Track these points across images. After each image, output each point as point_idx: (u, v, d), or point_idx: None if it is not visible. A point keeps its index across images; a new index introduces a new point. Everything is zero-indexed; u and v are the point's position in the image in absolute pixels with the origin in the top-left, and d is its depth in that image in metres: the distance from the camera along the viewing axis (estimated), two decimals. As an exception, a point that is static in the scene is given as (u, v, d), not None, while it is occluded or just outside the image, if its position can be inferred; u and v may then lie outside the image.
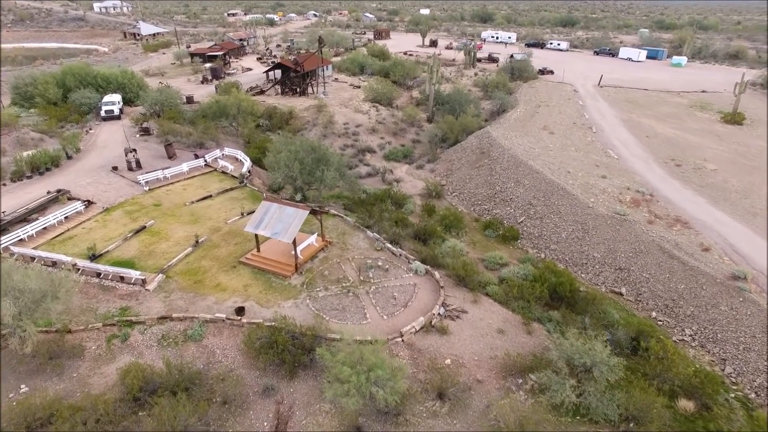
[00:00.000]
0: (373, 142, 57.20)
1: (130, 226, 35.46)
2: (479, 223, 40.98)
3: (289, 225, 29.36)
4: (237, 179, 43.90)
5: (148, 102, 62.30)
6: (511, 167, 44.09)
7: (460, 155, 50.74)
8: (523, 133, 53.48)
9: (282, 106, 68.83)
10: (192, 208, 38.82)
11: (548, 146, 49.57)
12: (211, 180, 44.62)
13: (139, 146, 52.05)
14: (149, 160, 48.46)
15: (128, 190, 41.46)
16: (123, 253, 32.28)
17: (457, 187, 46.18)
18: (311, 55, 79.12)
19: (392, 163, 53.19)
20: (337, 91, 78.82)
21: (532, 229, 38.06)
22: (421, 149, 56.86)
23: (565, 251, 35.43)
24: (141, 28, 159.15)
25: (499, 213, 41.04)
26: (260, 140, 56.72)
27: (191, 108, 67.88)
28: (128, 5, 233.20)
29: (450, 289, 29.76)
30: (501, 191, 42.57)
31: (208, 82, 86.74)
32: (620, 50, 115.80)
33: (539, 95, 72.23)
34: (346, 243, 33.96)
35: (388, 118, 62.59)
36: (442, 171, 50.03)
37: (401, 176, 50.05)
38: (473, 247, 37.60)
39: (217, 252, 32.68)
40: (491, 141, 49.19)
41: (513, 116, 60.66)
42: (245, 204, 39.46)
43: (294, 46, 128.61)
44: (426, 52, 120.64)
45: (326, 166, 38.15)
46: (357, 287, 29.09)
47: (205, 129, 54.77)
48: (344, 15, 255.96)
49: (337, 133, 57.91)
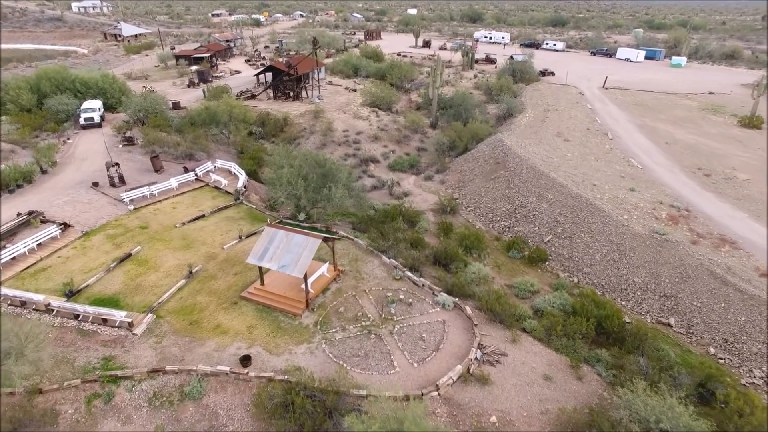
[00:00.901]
0: (376, 150, 53.44)
1: (114, 254, 31.25)
2: (501, 243, 37.49)
3: (299, 256, 25.51)
4: (232, 196, 39.84)
5: (132, 108, 57.87)
6: (531, 180, 40.71)
7: (472, 165, 47.25)
8: (536, 140, 50.21)
9: (275, 112, 64.83)
10: (183, 230, 34.70)
11: (566, 155, 46.35)
12: (203, 197, 40.48)
13: (122, 158, 47.66)
14: (134, 173, 44.14)
15: (111, 210, 37.17)
16: (105, 287, 28.10)
17: (472, 201, 42.67)
18: (305, 58, 75.10)
19: (398, 174, 49.49)
20: (333, 95, 74.96)
21: (561, 249, 34.69)
22: (428, 158, 53.28)
23: (601, 275, 32.11)
24: (122, 28, 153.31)
25: (522, 231, 37.61)
26: (254, 150, 52.73)
27: (178, 114, 63.48)
28: (108, 5, 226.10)
29: (483, 326, 26.20)
30: (522, 206, 39.17)
31: (195, 86, 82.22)
32: (618, 51, 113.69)
33: (545, 99, 69.17)
34: (360, 271, 30.19)
35: (390, 124, 58.87)
36: (453, 183, 46.48)
37: (409, 188, 46.37)
38: (498, 271, 34.10)
39: (215, 284, 28.68)
40: (506, 150, 45.78)
41: (522, 122, 57.40)
42: (243, 225, 35.47)
43: (283, 47, 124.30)
44: (420, 53, 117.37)
45: (334, 182, 34.35)
46: (379, 327, 25.36)
47: (195, 138, 50.53)
48: (331, 15, 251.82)
49: (337, 141, 54.03)
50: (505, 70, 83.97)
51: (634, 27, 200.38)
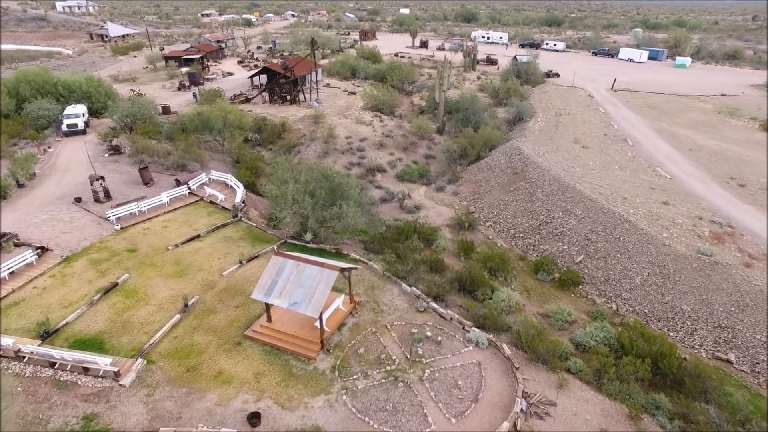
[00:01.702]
0: (382, 158, 49.99)
1: (98, 284, 27.55)
2: (527, 263, 34.26)
3: (313, 291, 22.05)
4: (229, 212, 36.22)
5: (118, 114, 53.95)
6: (555, 192, 37.57)
7: (487, 175, 44.02)
8: (554, 147, 47.12)
9: (272, 117, 61.16)
10: (176, 253, 31.06)
11: (588, 164, 43.29)
12: (197, 213, 36.80)
13: (108, 169, 43.84)
14: (121, 187, 40.38)
15: (95, 230, 33.41)
16: (88, 325, 24.43)
17: (490, 216, 39.42)
18: (302, 59, 71.48)
19: (407, 184, 46.09)
20: (331, 98, 71.41)
21: (595, 271, 31.53)
22: (437, 166, 49.95)
23: (642, 301, 29.00)
24: (109, 29, 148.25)
25: (549, 250, 34.41)
26: (251, 158, 49.09)
27: (168, 120, 59.64)
28: (94, 5, 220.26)
29: (524, 367, 22.93)
30: (547, 222, 35.99)
31: (186, 89, 78.24)
32: (620, 51, 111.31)
33: (554, 102, 66.21)
34: (379, 302, 26.80)
35: (395, 130, 55.46)
36: (467, 194, 43.21)
37: (420, 201, 43.03)
38: (528, 296, 30.86)
39: (214, 320, 25.12)
40: (524, 159, 42.63)
41: (535, 127, 54.29)
42: (243, 246, 31.91)
43: (277, 48, 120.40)
44: (418, 54, 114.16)
45: (344, 199, 30.91)
46: (406, 371, 21.98)
47: (187, 147, 46.78)
48: (323, 15, 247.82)
49: (340, 149, 50.52)
50: (510, 72, 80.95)
51: (630, 27, 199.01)
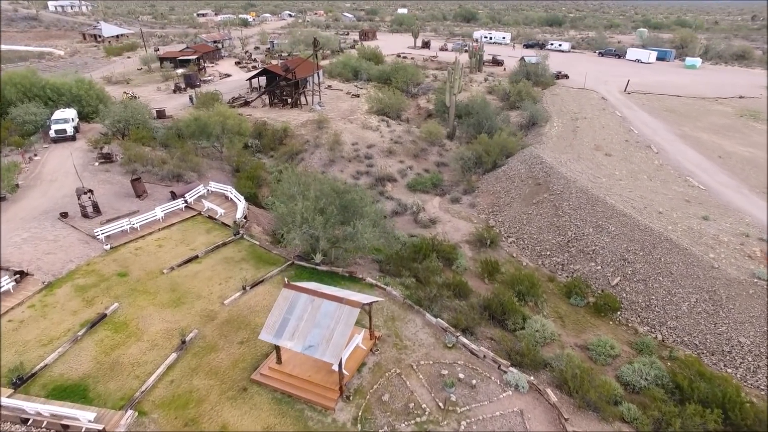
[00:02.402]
0: (392, 167, 46.95)
1: (83, 315, 24.46)
2: (557, 285, 31.31)
3: (331, 332, 19.02)
4: (229, 229, 33.13)
5: (110, 119, 50.79)
6: (583, 206, 34.65)
7: (506, 185, 41.07)
8: (575, 155, 44.25)
9: (273, 122, 58.13)
10: (172, 277, 27.97)
11: (614, 173, 40.42)
12: (195, 230, 33.69)
13: (98, 179, 40.71)
14: (111, 200, 37.25)
15: (82, 250, 30.27)
16: (70, 368, 21.34)
17: (512, 230, 36.46)
18: (304, 60, 68.40)
19: (419, 195, 43.09)
20: (334, 101, 68.39)
21: (635, 296, 28.61)
22: (450, 175, 46.96)
23: (692, 331, 26.12)
24: (102, 29, 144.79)
25: (581, 270, 31.48)
26: (252, 167, 46.05)
27: (163, 124, 56.48)
28: (88, 4, 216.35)
29: (572, 416, 19.98)
30: (576, 239, 33.07)
31: (182, 91, 75.12)
32: (627, 51, 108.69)
33: (568, 105, 63.37)
34: (401, 335, 23.79)
35: (403, 135, 52.44)
36: (485, 206, 40.25)
37: (435, 213, 40.03)
38: (562, 324, 27.93)
39: (216, 359, 22.06)
40: (546, 168, 39.71)
41: (552, 132, 51.42)
42: (246, 268, 28.86)
43: (275, 48, 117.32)
44: (421, 54, 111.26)
45: (358, 217, 27.89)
46: (439, 424, 19.00)
47: (184, 155, 43.64)
48: (321, 15, 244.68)
49: (347, 156, 47.45)
50: (518, 73, 78.10)
51: (632, 27, 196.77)
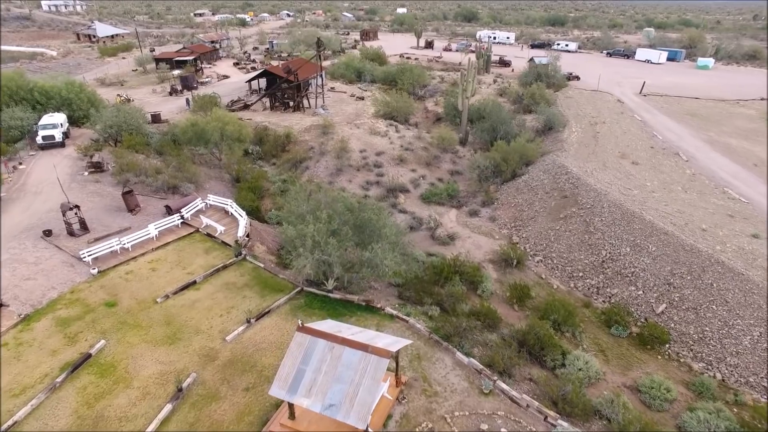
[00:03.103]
0: (404, 176, 43.87)
1: (64, 356, 21.37)
2: (593, 312, 28.33)
3: (356, 388, 15.96)
4: (230, 249, 30.06)
5: (101, 124, 47.71)
6: (617, 222, 31.67)
7: (528, 197, 38.09)
8: (600, 164, 41.31)
9: (274, 126, 55.02)
10: (167, 307, 24.88)
11: (645, 184, 37.49)
12: (192, 249, 30.59)
13: (87, 192, 37.61)
14: (101, 214, 34.15)
15: (65, 275, 27.18)
16: (45, 424, 18.26)
17: (539, 248, 33.46)
18: (306, 61, 65.32)
19: (434, 207, 40.05)
20: (338, 105, 65.31)
21: (685, 326, 25.66)
22: (466, 185, 43.92)
23: (758, 370, 23.19)
24: (97, 28, 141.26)
25: (619, 295, 28.52)
26: (254, 176, 43.01)
27: (158, 129, 53.39)
28: (82, 4, 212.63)
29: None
30: (612, 259, 30.10)
31: (178, 94, 71.98)
32: (637, 51, 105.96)
33: (584, 108, 60.46)
34: (429, 378, 20.77)
35: (414, 142, 49.37)
36: (506, 220, 37.25)
37: (453, 228, 36.98)
38: (605, 359, 24.96)
39: (218, 411, 18.99)
40: (573, 179, 36.73)
41: (572, 138, 48.46)
42: (249, 296, 25.81)
43: (275, 49, 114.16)
44: (424, 55, 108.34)
45: (377, 238, 24.85)
46: (483, 498, 15.97)
47: (180, 164, 40.55)
48: (320, 15, 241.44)
49: (355, 165, 44.32)
50: (528, 74, 75.15)
51: (635, 26, 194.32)
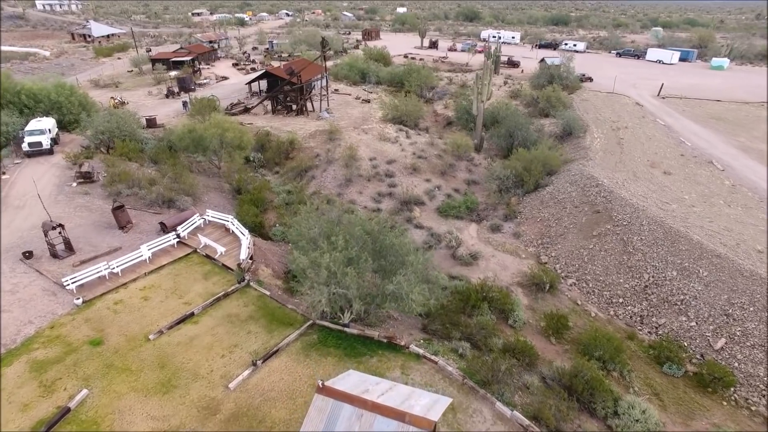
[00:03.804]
0: (417, 186, 40.72)
1: (38, 411, 18.28)
2: (639, 345, 25.27)
3: (391, 472, 12.89)
4: (233, 273, 26.96)
5: (92, 130, 44.63)
6: (659, 242, 28.64)
7: (555, 212, 35.03)
8: (630, 174, 38.29)
9: (277, 131, 51.91)
10: (160, 346, 21.79)
11: (683, 197, 34.47)
12: (189, 273, 27.46)
13: (75, 205, 34.50)
14: (89, 232, 31.05)
15: (46, 305, 24.07)
16: (13, 504, 15.16)
17: (571, 269, 30.40)
18: (310, 63, 62.17)
19: (452, 221, 36.94)
20: (343, 108, 62.22)
21: (752, 366, 22.63)
22: (484, 196, 40.79)
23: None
24: (92, 28, 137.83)
25: (668, 326, 25.50)
26: (256, 188, 39.85)
27: (154, 135, 50.28)
28: (77, 3, 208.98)
29: None
30: (657, 284, 27.08)
31: (175, 96, 68.77)
32: (648, 52, 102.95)
33: (602, 112, 57.44)
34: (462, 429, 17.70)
35: (427, 149, 46.23)
36: (532, 237, 34.18)
37: (475, 245, 33.84)
38: (661, 403, 21.91)
39: (218, 486, 15.91)
40: (604, 192, 33.68)
41: (595, 145, 45.41)
42: (255, 331, 22.73)
43: (275, 49, 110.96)
44: (429, 55, 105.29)
45: (401, 266, 21.77)
46: None
47: (177, 175, 37.43)
48: (319, 14, 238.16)
49: (365, 174, 41.15)
50: (541, 76, 72.13)
51: (640, 26, 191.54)
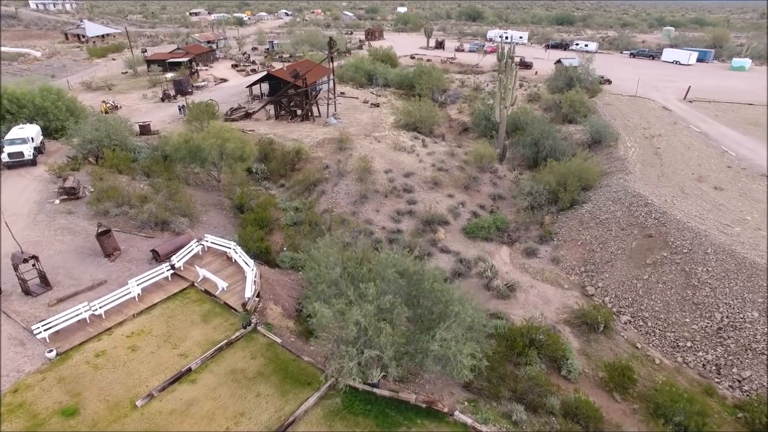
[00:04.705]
0: (439, 202, 36.58)
1: None
2: (720, 402, 21.29)
3: None
4: (237, 314, 22.92)
5: (80, 139, 40.68)
6: (730, 275, 24.68)
7: (598, 234, 31.03)
8: (677, 189, 34.33)
9: (281, 139, 47.79)
10: (150, 415, 17.76)
11: (744, 218, 30.49)
12: (186, 315, 23.36)
13: (55, 228, 30.45)
14: (70, 260, 27.05)
15: (10, 360, 20.07)
16: None
17: (623, 303, 26.40)
18: (316, 64, 58.11)
19: (481, 243, 32.88)
20: (351, 113, 58.15)
21: None
22: (512, 212, 36.70)
23: None
24: (86, 28, 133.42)
25: (756, 380, 21.54)
26: (260, 203, 35.80)
27: (147, 142, 46.22)
28: (72, 2, 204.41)
29: None
30: (734, 326, 23.12)
31: (171, 100, 64.65)
32: (664, 52, 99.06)
33: (630, 117, 53.48)
34: None
35: (447, 159, 42.09)
36: (573, 262, 30.18)
37: (509, 273, 29.78)
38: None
39: None
40: (655, 213, 29.68)
41: (631, 156, 41.42)
42: (265, 393, 18.70)
43: (275, 49, 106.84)
44: (436, 55, 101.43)
45: (444, 317, 17.80)
46: None
47: (172, 192, 33.37)
48: (319, 14, 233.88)
49: (382, 190, 37.02)
50: (558, 78, 68.19)
51: (647, 25, 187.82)
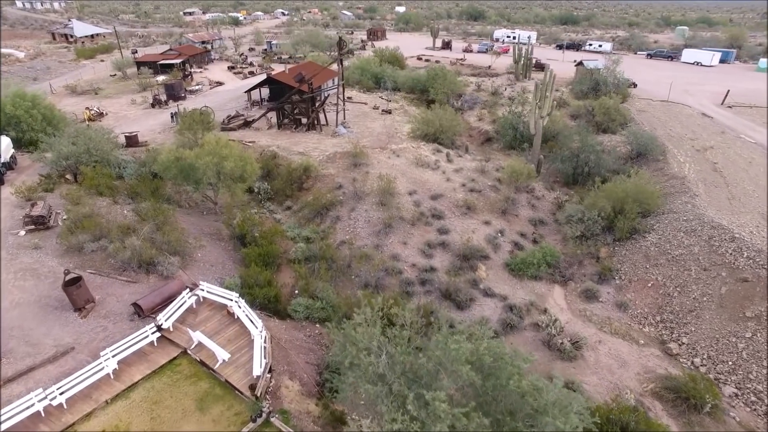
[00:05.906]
0: (476, 231, 31.00)
1: None
2: None
3: None
4: (241, 400, 17.52)
5: (54, 155, 35.37)
6: None
7: (673, 274, 25.84)
8: (759, 216, 29.19)
9: (285, 152, 42.35)
10: None
11: None
12: (175, 400, 17.91)
13: (17, 268, 25.03)
14: (30, 318, 21.63)
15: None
16: None
17: (722, 368, 21.23)
18: (324, 68, 52.68)
19: (529, 283, 27.61)
20: (361, 120, 52.78)
21: None
22: (557, 241, 31.43)
23: None
24: (74, 27, 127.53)
25: None
26: (264, 234, 30.35)
27: (134, 156, 40.75)
28: (61, 1, 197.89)
29: None
30: None
31: (162, 105, 59.18)
32: (684, 52, 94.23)
33: (670, 126, 48.33)
34: None
35: (478, 178, 36.61)
36: (645, 309, 24.96)
37: (569, 323, 24.50)
38: None
39: None
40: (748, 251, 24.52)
41: (688, 173, 36.18)
42: None
43: (273, 50, 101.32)
44: (444, 57, 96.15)
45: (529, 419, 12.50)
46: None
47: (160, 225, 27.91)
48: (316, 13, 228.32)
49: (408, 217, 31.56)
50: (582, 81, 63.12)
51: (654, 24, 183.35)
